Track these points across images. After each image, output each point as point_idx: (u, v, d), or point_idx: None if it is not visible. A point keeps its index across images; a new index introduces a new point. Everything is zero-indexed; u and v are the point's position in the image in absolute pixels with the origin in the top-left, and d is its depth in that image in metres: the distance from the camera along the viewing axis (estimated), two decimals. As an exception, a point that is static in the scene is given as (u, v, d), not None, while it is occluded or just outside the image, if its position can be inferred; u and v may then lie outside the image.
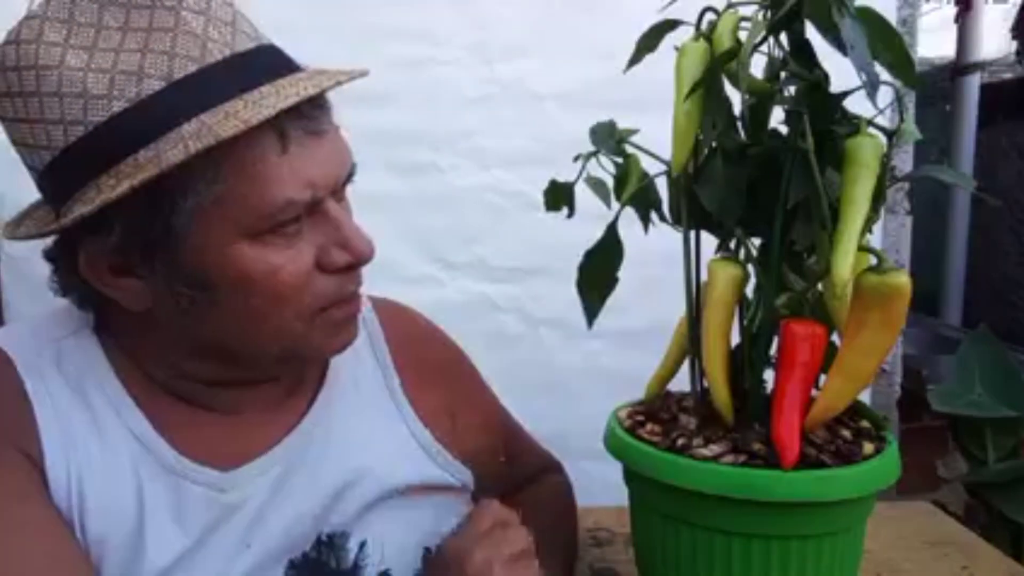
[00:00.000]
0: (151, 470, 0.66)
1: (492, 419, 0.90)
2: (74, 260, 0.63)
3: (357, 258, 0.65)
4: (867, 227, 0.60)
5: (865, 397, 1.21)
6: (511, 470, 0.90)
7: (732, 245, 0.67)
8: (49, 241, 0.66)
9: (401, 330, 0.84)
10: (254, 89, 0.60)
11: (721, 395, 0.66)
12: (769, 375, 0.66)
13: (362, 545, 0.73)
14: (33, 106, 0.59)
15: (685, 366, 0.73)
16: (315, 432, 0.74)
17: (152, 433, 0.67)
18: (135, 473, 0.66)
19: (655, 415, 0.71)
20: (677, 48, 0.65)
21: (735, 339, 0.68)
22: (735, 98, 0.64)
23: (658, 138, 0.68)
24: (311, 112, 0.62)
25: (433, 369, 0.84)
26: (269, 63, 0.63)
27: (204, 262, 0.61)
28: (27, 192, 0.67)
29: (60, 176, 0.61)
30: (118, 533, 0.64)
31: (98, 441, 0.66)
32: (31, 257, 1.34)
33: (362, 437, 0.76)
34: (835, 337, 0.65)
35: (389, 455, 0.76)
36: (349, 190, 0.70)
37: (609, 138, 0.71)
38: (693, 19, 0.65)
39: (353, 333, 0.70)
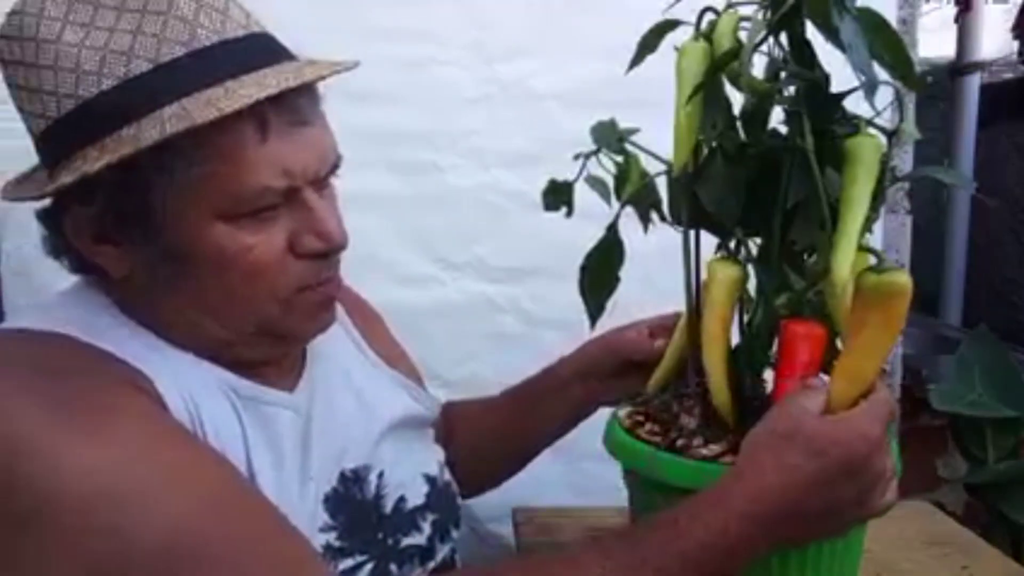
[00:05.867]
0: (244, 408, 0.68)
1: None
2: (62, 224, 0.66)
3: (329, 245, 0.67)
4: (867, 227, 0.60)
5: (865, 397, 1.20)
6: None
7: (732, 245, 0.67)
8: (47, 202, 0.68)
9: (343, 292, 0.86)
10: (238, 77, 0.61)
11: (721, 395, 0.66)
12: (769, 375, 0.66)
13: (380, 475, 0.77)
14: (32, 75, 0.62)
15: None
16: (317, 375, 0.77)
17: (227, 375, 0.69)
18: (234, 410, 0.67)
19: (655, 415, 0.71)
20: (677, 48, 0.65)
21: (735, 339, 0.69)
22: (735, 98, 0.64)
23: (658, 138, 0.68)
24: (296, 102, 0.63)
25: (375, 321, 0.92)
26: (257, 51, 0.64)
27: (181, 238, 0.63)
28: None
29: (52, 144, 0.64)
30: (234, 456, 0.65)
31: (189, 372, 0.67)
32: (31, 256, 1.34)
33: (353, 381, 0.81)
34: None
35: (378, 395, 0.82)
36: (338, 184, 0.71)
37: (610, 137, 0.71)
38: (693, 19, 0.65)
39: (331, 316, 0.73)
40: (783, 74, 0.62)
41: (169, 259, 0.64)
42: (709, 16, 0.65)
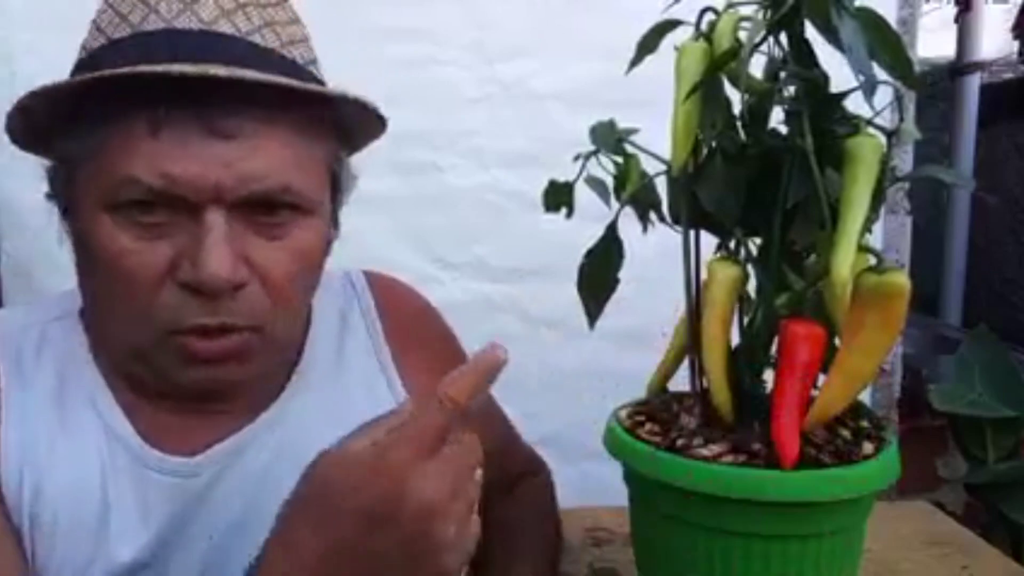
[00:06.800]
0: (117, 460, 0.66)
1: (483, 414, 0.88)
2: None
3: (198, 279, 0.58)
4: (867, 227, 0.60)
5: (865, 397, 1.21)
6: (500, 469, 0.86)
7: (732, 245, 0.67)
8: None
9: (396, 304, 0.83)
10: (161, 64, 0.57)
11: (721, 395, 0.66)
12: (769, 375, 0.66)
13: None
14: None
15: (685, 366, 0.73)
16: (285, 419, 0.72)
17: (122, 421, 0.67)
18: (100, 463, 0.66)
19: (655, 415, 0.71)
20: (677, 48, 0.65)
21: (735, 339, 0.68)
22: (735, 98, 0.64)
23: (658, 138, 0.68)
24: (220, 110, 0.59)
25: (427, 346, 0.82)
26: (203, 48, 0.59)
27: (79, 222, 0.62)
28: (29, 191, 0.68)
29: None
30: (76, 527, 0.64)
31: (64, 430, 0.66)
32: (31, 256, 1.34)
33: (341, 419, 0.71)
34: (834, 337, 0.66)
35: None
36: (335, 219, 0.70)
37: (609, 137, 0.71)
38: (693, 19, 0.65)
39: (215, 374, 0.63)
40: (783, 74, 0.62)
41: (76, 243, 0.64)
42: (709, 16, 0.65)
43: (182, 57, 0.58)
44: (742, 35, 0.62)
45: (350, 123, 0.69)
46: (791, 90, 0.62)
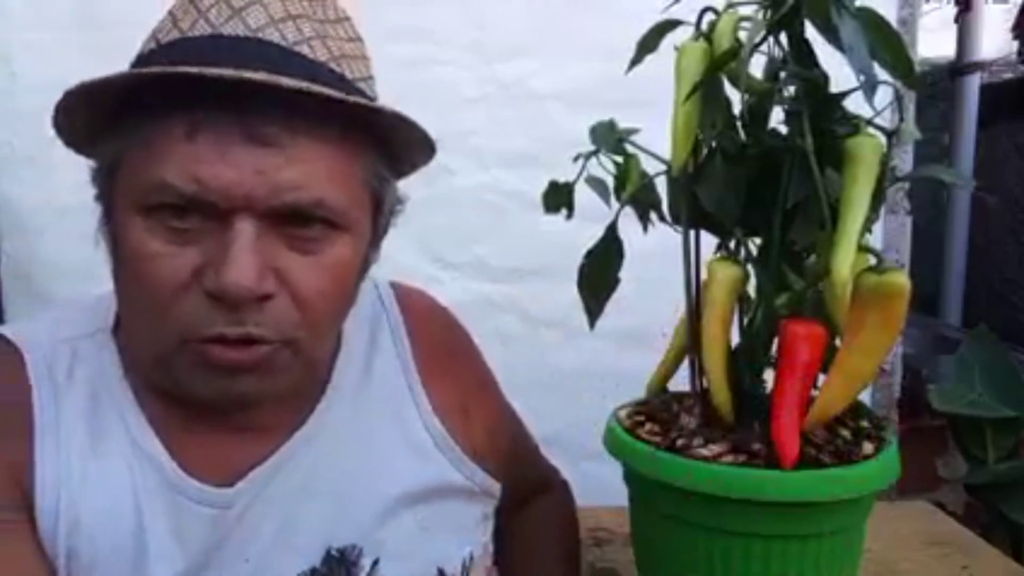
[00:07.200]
0: (148, 481, 0.65)
1: (503, 420, 0.89)
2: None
3: (220, 286, 0.57)
4: (867, 227, 0.60)
5: (865, 397, 1.21)
6: (519, 479, 0.88)
7: (732, 245, 0.67)
8: None
9: (423, 321, 0.82)
10: (204, 68, 0.56)
11: (721, 395, 0.66)
12: (769, 375, 0.66)
13: (375, 563, 0.69)
14: None
15: (685, 366, 0.73)
16: (319, 436, 0.71)
17: (152, 440, 0.66)
18: (132, 484, 0.64)
19: (655, 415, 0.71)
20: (677, 48, 0.65)
21: (735, 339, 0.69)
22: (735, 98, 0.64)
23: (658, 138, 0.68)
24: (259, 117, 0.58)
25: (452, 365, 0.82)
26: (247, 54, 0.58)
27: (112, 225, 0.63)
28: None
29: None
30: (114, 552, 0.63)
31: (95, 452, 0.64)
32: (31, 257, 1.35)
33: (370, 438, 0.73)
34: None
35: (400, 455, 0.74)
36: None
37: (609, 137, 0.71)
38: (693, 19, 0.65)
39: (233, 388, 0.62)
40: (783, 74, 0.62)
41: (112, 246, 0.63)
42: (709, 16, 0.65)
43: (223, 62, 0.57)
44: (742, 35, 0.62)
45: (396, 143, 0.69)
46: (791, 90, 0.62)
